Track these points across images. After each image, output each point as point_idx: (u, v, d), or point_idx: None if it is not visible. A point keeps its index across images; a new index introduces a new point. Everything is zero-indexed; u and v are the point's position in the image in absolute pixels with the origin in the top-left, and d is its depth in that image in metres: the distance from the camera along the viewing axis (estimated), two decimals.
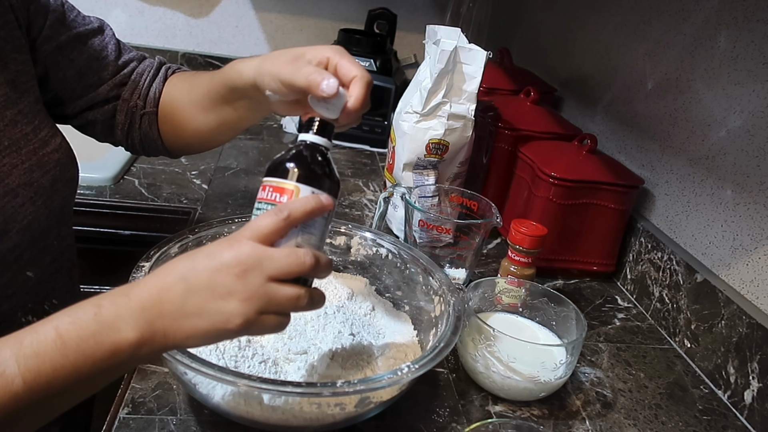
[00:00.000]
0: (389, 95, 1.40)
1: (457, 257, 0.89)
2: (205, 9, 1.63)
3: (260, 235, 0.48)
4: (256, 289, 0.47)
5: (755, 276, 0.76)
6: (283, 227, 0.49)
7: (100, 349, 0.44)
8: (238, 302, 0.47)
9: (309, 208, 0.50)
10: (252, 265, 0.47)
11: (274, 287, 0.48)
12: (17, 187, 0.61)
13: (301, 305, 0.49)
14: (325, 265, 0.51)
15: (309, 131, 0.54)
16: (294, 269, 0.48)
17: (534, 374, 0.67)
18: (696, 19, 0.90)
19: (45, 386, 0.43)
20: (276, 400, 0.56)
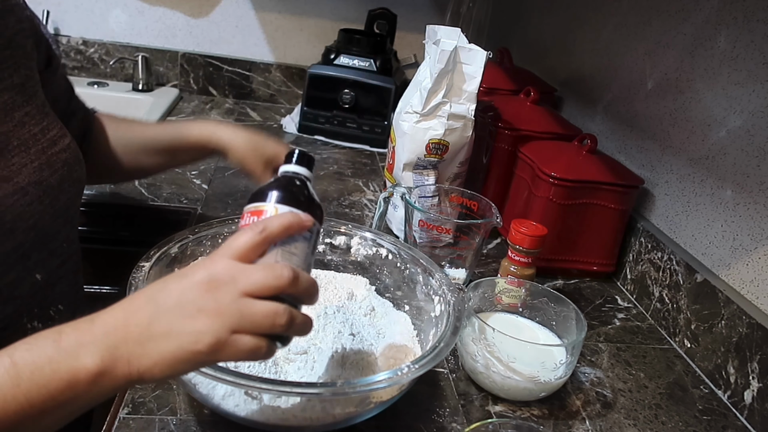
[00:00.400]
0: (389, 95, 1.41)
1: (457, 257, 0.89)
2: (205, 9, 1.63)
3: (236, 251, 0.46)
4: (228, 304, 0.43)
5: (755, 276, 0.76)
6: (260, 242, 0.46)
7: (55, 378, 0.41)
8: (207, 318, 0.43)
9: (286, 222, 0.47)
10: (224, 280, 0.44)
11: (247, 302, 0.44)
12: (27, 185, 0.62)
13: (279, 323, 0.44)
14: (307, 284, 0.47)
15: (288, 162, 0.54)
16: (270, 282, 0.44)
17: (534, 374, 0.67)
18: (696, 19, 0.90)
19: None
20: (276, 400, 0.56)
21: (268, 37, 1.68)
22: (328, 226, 0.79)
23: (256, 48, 1.68)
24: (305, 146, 1.40)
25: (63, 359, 0.41)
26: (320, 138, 1.45)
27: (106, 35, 1.62)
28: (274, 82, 1.70)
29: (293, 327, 0.46)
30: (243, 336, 0.44)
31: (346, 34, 1.47)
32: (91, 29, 1.61)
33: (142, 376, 0.43)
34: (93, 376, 0.42)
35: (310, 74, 1.43)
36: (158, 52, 1.64)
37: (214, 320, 0.43)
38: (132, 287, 0.58)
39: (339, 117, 1.43)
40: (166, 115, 1.47)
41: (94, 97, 1.54)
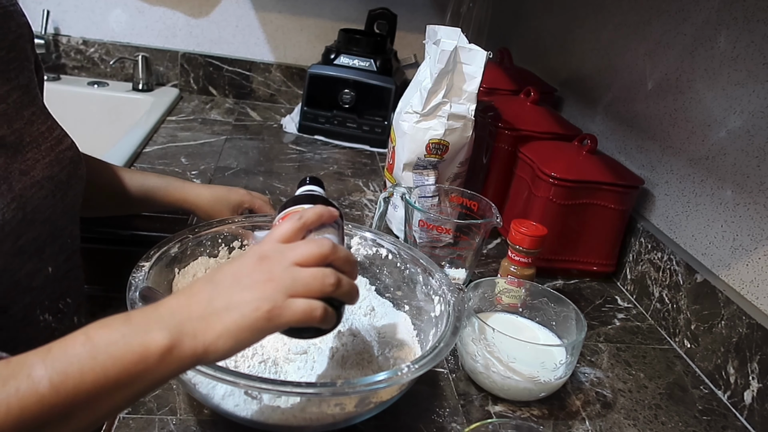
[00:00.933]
0: (389, 95, 1.40)
1: (457, 257, 0.89)
2: (205, 9, 1.63)
3: (280, 236, 0.51)
4: (280, 272, 0.48)
5: (755, 276, 0.76)
6: (299, 227, 0.52)
7: (129, 351, 0.43)
8: (263, 286, 0.47)
9: (318, 211, 0.54)
10: (273, 254, 0.49)
11: (297, 269, 0.48)
12: (41, 179, 0.66)
13: (329, 282, 0.48)
14: (346, 253, 0.51)
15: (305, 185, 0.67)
16: (314, 251, 0.49)
17: (534, 374, 0.67)
18: (696, 19, 0.90)
19: (72, 390, 0.41)
20: (276, 400, 0.56)
21: (268, 37, 1.68)
22: None
23: (256, 48, 1.68)
24: (305, 146, 1.40)
25: (135, 334, 0.44)
26: (320, 138, 1.45)
27: (106, 35, 1.62)
28: (274, 82, 1.70)
29: (341, 288, 0.50)
30: (298, 299, 0.47)
31: (346, 34, 1.47)
32: (91, 29, 1.61)
33: (208, 349, 0.45)
34: (163, 350, 0.44)
35: (310, 74, 1.43)
36: (158, 52, 1.64)
37: (268, 287, 0.47)
38: (132, 287, 0.59)
39: (339, 117, 1.43)
40: (167, 115, 1.47)
41: (95, 97, 1.55)
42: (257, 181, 1.16)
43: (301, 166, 1.28)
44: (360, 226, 0.80)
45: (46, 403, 0.40)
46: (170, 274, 0.68)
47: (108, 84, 1.60)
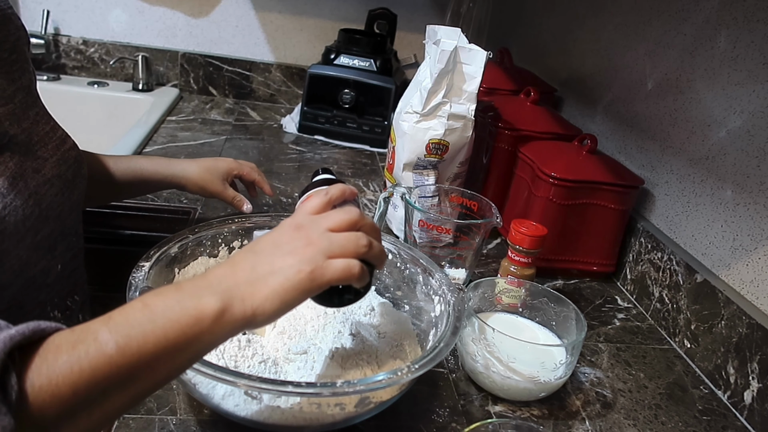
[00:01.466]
0: (389, 95, 1.40)
1: (457, 257, 0.89)
2: (205, 9, 1.63)
3: (311, 209, 0.56)
4: (317, 237, 0.51)
5: (755, 276, 0.76)
6: (326, 202, 0.56)
7: (185, 315, 0.45)
8: (303, 249, 0.50)
9: (341, 188, 0.59)
10: (308, 223, 0.53)
11: (331, 234, 0.52)
12: (51, 177, 0.67)
13: (362, 243, 0.52)
14: (371, 222, 0.55)
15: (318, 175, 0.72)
16: (345, 218, 0.53)
17: (534, 374, 0.67)
18: (696, 19, 0.90)
19: (137, 352, 0.43)
20: (276, 400, 0.56)
21: (268, 37, 1.68)
22: None
23: (256, 48, 1.68)
24: (305, 146, 1.40)
25: (189, 299, 0.46)
26: (320, 138, 1.45)
27: (106, 35, 1.62)
28: (274, 82, 1.70)
29: (373, 250, 0.53)
30: (336, 259, 0.50)
31: (346, 34, 1.47)
32: (91, 29, 1.61)
33: (256, 311, 0.47)
34: (216, 313, 0.46)
35: (310, 74, 1.43)
36: (158, 52, 1.64)
37: (308, 250, 0.50)
38: (132, 287, 0.59)
39: (339, 117, 1.43)
40: (167, 115, 1.47)
41: (95, 97, 1.55)
42: None
43: (301, 166, 1.28)
44: None
45: (114, 364, 0.42)
46: (170, 274, 0.68)
47: (108, 84, 1.60)
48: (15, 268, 0.62)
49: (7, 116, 0.65)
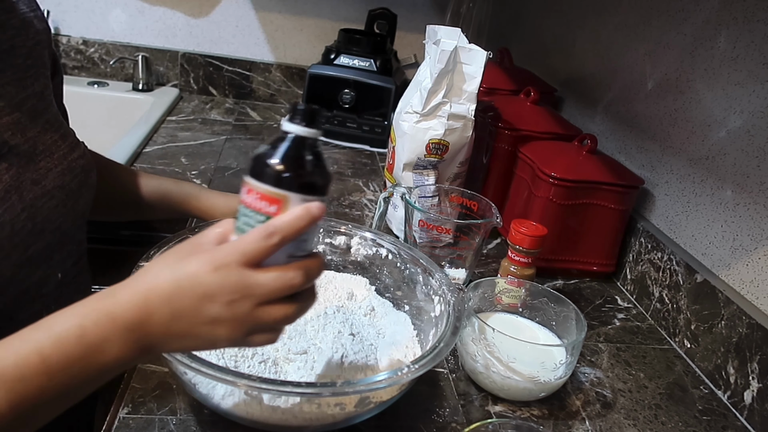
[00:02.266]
0: (389, 95, 1.40)
1: (457, 257, 0.89)
2: (205, 9, 1.63)
3: (249, 259, 0.45)
4: (245, 316, 0.46)
5: (755, 276, 0.76)
6: (271, 249, 0.46)
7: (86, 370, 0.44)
8: (226, 329, 0.46)
9: (301, 225, 0.46)
10: (240, 294, 0.45)
11: (263, 311, 0.46)
12: (52, 189, 0.66)
13: (291, 320, 0.48)
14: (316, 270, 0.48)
15: (294, 121, 0.47)
16: (284, 291, 0.46)
17: (534, 374, 0.67)
18: (696, 19, 0.90)
19: (31, 408, 0.43)
20: (276, 400, 0.56)
21: (268, 37, 1.68)
22: (328, 226, 0.79)
23: (256, 48, 1.68)
24: None
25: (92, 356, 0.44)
26: (320, 138, 1.45)
27: (106, 35, 1.62)
28: (274, 82, 1.70)
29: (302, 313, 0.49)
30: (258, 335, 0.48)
31: (346, 34, 1.47)
32: (91, 29, 1.61)
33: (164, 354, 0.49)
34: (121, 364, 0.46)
35: (310, 74, 1.43)
36: (158, 52, 1.64)
37: (230, 329, 0.46)
38: None
39: (339, 117, 1.43)
40: (167, 115, 1.47)
41: (95, 97, 1.55)
42: None
43: None
44: (360, 226, 0.80)
45: (5, 420, 0.42)
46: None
47: (108, 84, 1.60)
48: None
49: (11, 126, 0.63)
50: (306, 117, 0.47)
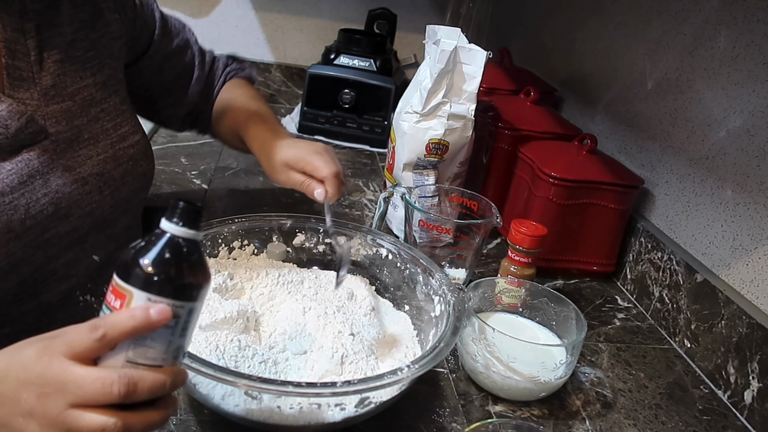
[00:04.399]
0: (389, 95, 1.40)
1: (457, 257, 0.89)
2: (205, 9, 1.63)
3: (75, 352, 0.42)
4: (55, 416, 0.41)
5: (755, 276, 0.76)
6: (98, 348, 0.42)
7: None
8: (37, 425, 0.42)
9: (130, 326, 0.41)
10: (55, 387, 0.41)
11: (75, 415, 0.41)
12: (88, 176, 0.69)
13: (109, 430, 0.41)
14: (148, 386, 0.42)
15: (170, 219, 0.44)
16: (99, 396, 0.41)
17: (534, 374, 0.67)
18: (696, 19, 0.90)
19: None
20: (276, 400, 0.56)
21: (268, 37, 1.68)
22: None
23: (256, 48, 1.68)
24: None
25: None
26: (320, 138, 1.45)
27: None
28: (274, 81, 1.70)
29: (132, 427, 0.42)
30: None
31: (346, 34, 1.47)
32: None
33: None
34: None
35: (310, 74, 1.43)
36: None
37: (42, 428, 0.41)
38: None
39: (339, 117, 1.43)
40: None
41: None
42: (257, 181, 1.16)
43: None
44: (360, 226, 0.80)
45: None
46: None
47: None
48: (2, 264, 0.62)
49: (56, 114, 0.67)
50: (183, 216, 0.44)
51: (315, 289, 0.75)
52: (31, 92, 0.65)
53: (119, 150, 0.73)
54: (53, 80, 0.67)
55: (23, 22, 0.65)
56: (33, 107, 0.65)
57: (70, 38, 0.70)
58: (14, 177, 0.62)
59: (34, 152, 0.64)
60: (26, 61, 0.65)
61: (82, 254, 0.70)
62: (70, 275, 0.69)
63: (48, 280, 0.67)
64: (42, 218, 0.64)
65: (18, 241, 0.62)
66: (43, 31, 0.67)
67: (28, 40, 0.65)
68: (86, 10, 0.72)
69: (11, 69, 0.64)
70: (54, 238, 0.66)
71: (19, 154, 0.63)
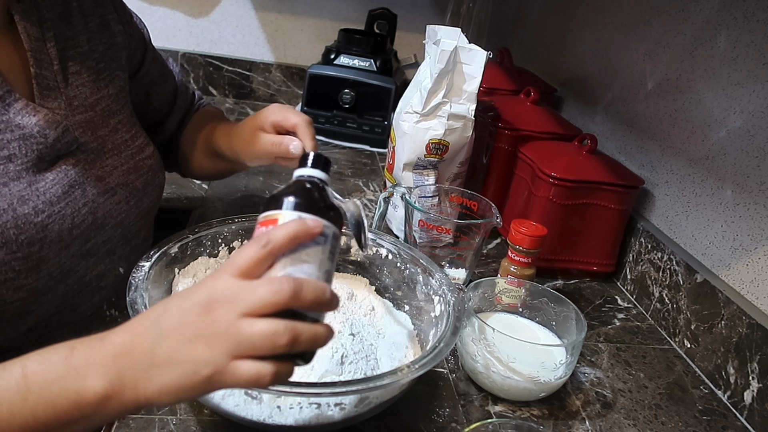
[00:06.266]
0: (389, 95, 1.40)
1: (457, 257, 0.89)
2: (205, 9, 1.63)
3: (240, 268, 0.43)
4: (225, 328, 0.41)
5: (755, 276, 0.76)
6: (264, 256, 0.43)
7: (62, 396, 0.41)
8: (206, 345, 0.41)
9: (291, 232, 0.44)
10: (223, 300, 0.42)
11: (245, 323, 0.41)
12: (116, 186, 0.70)
13: (279, 343, 0.41)
14: (315, 293, 0.43)
15: (303, 166, 0.53)
16: (270, 299, 0.41)
17: (534, 374, 0.67)
18: (696, 19, 0.90)
19: None
20: (276, 400, 0.56)
21: (268, 37, 1.68)
22: None
23: (256, 48, 1.68)
24: None
25: (72, 378, 0.41)
26: (320, 138, 1.45)
27: None
28: (274, 82, 1.70)
29: (299, 344, 0.42)
30: (243, 362, 0.41)
31: (346, 34, 1.47)
32: None
33: (150, 401, 0.42)
34: (100, 399, 0.41)
35: (310, 74, 1.43)
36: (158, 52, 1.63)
37: (212, 347, 0.41)
38: (132, 287, 0.59)
39: (339, 117, 1.43)
40: None
41: None
42: (257, 181, 1.16)
43: None
44: None
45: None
46: (170, 274, 0.68)
47: None
48: (55, 275, 0.62)
49: (83, 124, 0.67)
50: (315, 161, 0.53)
51: None
52: (58, 102, 0.65)
53: (139, 161, 0.73)
54: (75, 90, 0.67)
55: (43, 31, 0.64)
56: (62, 116, 0.64)
57: (86, 48, 0.70)
58: (58, 187, 0.62)
59: (70, 162, 0.64)
60: (51, 70, 0.65)
61: (111, 266, 0.71)
62: (101, 287, 0.70)
63: (84, 291, 0.68)
64: (84, 228, 0.65)
65: (67, 250, 0.63)
66: (60, 41, 0.66)
67: (49, 49, 0.65)
68: (94, 21, 0.72)
69: (39, 78, 0.63)
70: (93, 248, 0.67)
71: (58, 164, 0.63)
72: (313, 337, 0.43)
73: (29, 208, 0.59)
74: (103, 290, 0.70)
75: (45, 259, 0.60)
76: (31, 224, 0.59)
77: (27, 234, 0.58)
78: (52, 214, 0.61)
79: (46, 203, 0.60)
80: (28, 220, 0.58)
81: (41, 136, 0.61)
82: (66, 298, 0.65)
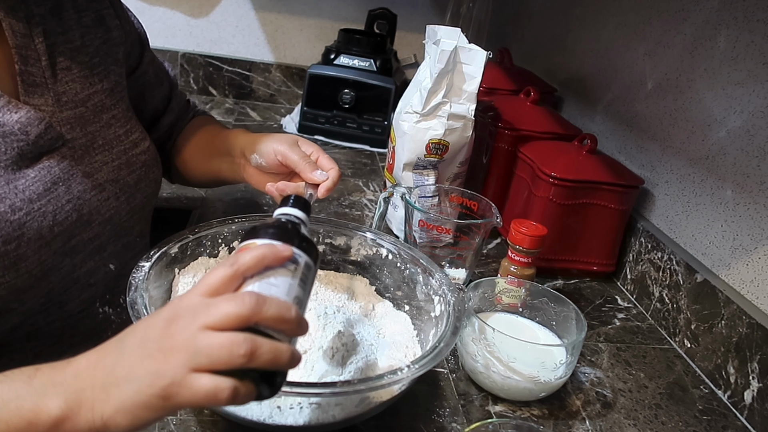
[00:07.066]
0: (389, 95, 1.40)
1: (457, 257, 0.89)
2: (205, 9, 1.63)
3: (208, 287, 0.43)
4: (184, 340, 0.40)
5: (755, 276, 0.76)
6: (231, 275, 0.44)
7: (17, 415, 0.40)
8: (163, 357, 0.40)
9: (259, 253, 0.45)
10: (184, 314, 0.41)
11: (204, 335, 0.40)
12: (105, 182, 0.69)
13: (238, 353, 0.39)
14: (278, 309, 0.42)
15: (283, 206, 0.56)
16: (230, 310, 0.41)
17: (534, 374, 0.67)
18: (696, 19, 0.90)
19: None
20: (276, 400, 0.56)
21: (268, 37, 1.68)
22: (328, 226, 0.79)
23: (256, 48, 1.68)
24: None
25: (29, 397, 0.41)
26: (320, 138, 1.45)
27: None
28: (274, 82, 1.70)
29: (258, 357, 0.40)
30: (201, 375, 0.40)
31: (346, 34, 1.47)
32: None
33: (107, 424, 0.41)
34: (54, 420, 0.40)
35: (310, 74, 1.43)
36: (158, 52, 1.62)
37: (169, 359, 0.40)
38: (132, 287, 0.59)
39: (339, 117, 1.43)
40: None
41: None
42: None
43: None
44: (360, 226, 0.80)
45: None
46: (170, 274, 0.68)
47: None
48: (35, 272, 0.61)
49: (70, 120, 0.66)
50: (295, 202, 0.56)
51: (315, 288, 0.75)
52: (45, 98, 0.64)
53: (132, 156, 0.72)
54: (64, 86, 0.67)
55: (31, 27, 0.64)
56: (48, 113, 0.64)
57: (78, 43, 0.69)
58: (39, 184, 0.61)
59: (54, 159, 0.64)
60: (38, 66, 0.64)
61: (101, 262, 0.70)
62: (91, 284, 0.69)
63: (71, 289, 0.67)
64: (67, 225, 0.64)
65: (48, 248, 0.62)
66: (50, 36, 0.66)
67: (37, 45, 0.64)
68: (89, 16, 0.72)
69: (25, 75, 0.63)
70: (79, 245, 0.66)
71: (40, 161, 0.63)
72: (274, 353, 0.42)
73: (5, 206, 0.58)
74: (93, 287, 0.69)
75: (23, 257, 0.59)
76: (6, 222, 0.58)
77: (2, 232, 0.58)
78: (30, 212, 0.60)
79: (25, 201, 0.60)
80: (3, 218, 0.58)
81: (22, 134, 0.60)
82: (51, 296, 0.65)
